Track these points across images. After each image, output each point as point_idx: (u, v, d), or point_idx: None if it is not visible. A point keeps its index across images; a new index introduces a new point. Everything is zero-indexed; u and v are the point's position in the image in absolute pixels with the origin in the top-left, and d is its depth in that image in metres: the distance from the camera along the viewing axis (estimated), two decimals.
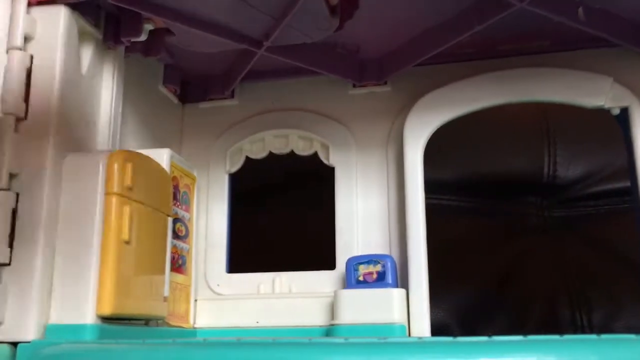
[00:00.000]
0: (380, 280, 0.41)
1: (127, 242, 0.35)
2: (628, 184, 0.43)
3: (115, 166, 0.35)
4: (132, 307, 0.36)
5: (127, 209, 0.35)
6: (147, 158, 0.38)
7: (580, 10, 0.38)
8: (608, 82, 0.42)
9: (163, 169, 0.41)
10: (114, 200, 0.35)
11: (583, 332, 0.62)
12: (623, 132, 0.43)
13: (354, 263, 0.42)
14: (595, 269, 0.64)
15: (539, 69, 0.44)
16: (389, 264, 0.42)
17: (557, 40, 0.44)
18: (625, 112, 0.42)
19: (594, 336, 0.25)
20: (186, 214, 0.46)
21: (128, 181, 0.35)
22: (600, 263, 0.64)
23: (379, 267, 0.42)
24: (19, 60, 0.35)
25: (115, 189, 0.35)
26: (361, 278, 0.42)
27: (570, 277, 0.64)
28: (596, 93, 0.42)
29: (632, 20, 0.41)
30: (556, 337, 0.25)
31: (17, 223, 0.34)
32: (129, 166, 0.35)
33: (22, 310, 0.33)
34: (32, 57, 0.36)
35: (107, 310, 0.33)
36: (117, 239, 0.34)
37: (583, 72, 0.43)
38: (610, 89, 0.42)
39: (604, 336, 0.25)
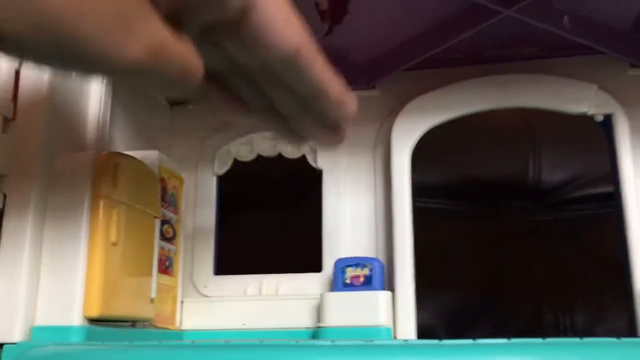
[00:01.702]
0: (367, 284, 0.42)
1: (115, 244, 0.35)
2: (611, 188, 0.44)
3: (103, 169, 0.35)
4: (119, 309, 0.36)
5: (114, 212, 0.35)
6: (135, 160, 0.38)
7: (566, 18, 0.39)
8: (592, 89, 0.43)
9: (151, 170, 0.41)
10: (102, 202, 0.35)
11: (566, 335, 0.62)
12: (607, 138, 0.44)
13: (341, 265, 0.43)
14: (578, 272, 0.65)
15: (524, 76, 0.44)
16: (376, 268, 0.42)
17: (543, 47, 0.45)
18: (609, 119, 0.43)
19: (576, 339, 0.26)
20: (174, 216, 0.46)
21: (116, 184, 0.35)
22: (584, 267, 0.65)
23: (366, 271, 0.42)
24: (7, 60, 0.35)
25: (103, 191, 0.35)
26: (348, 281, 0.42)
27: (554, 280, 0.65)
28: (580, 100, 0.43)
29: (616, 28, 0.41)
30: (539, 340, 0.25)
31: (4, 224, 0.34)
32: (117, 168, 0.35)
33: (9, 311, 0.33)
34: None
35: (94, 312, 0.33)
36: (105, 241, 0.34)
37: (568, 79, 0.44)
38: (595, 96, 0.43)
39: (586, 339, 0.26)
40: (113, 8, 0.21)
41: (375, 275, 0.42)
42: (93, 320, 0.34)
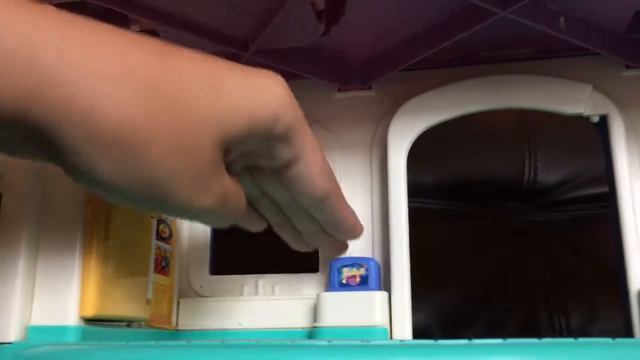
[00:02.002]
0: (363, 284, 0.42)
1: (110, 244, 0.35)
2: (606, 189, 0.44)
3: None
4: (115, 309, 0.35)
5: (111, 211, 0.35)
6: None
7: (562, 19, 0.39)
8: (588, 90, 0.43)
9: None
10: (98, 202, 0.34)
11: (561, 335, 0.63)
12: (602, 139, 0.44)
13: (337, 266, 0.43)
14: (573, 273, 0.65)
15: (520, 76, 0.44)
16: (372, 268, 0.42)
17: (538, 48, 0.45)
18: (604, 120, 0.43)
19: (571, 340, 0.26)
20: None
21: None
22: (579, 267, 0.65)
23: (362, 271, 0.42)
24: None
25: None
26: (344, 281, 0.42)
27: (549, 281, 0.65)
28: (576, 101, 0.43)
29: (612, 30, 0.42)
30: (534, 340, 0.26)
31: (0, 223, 0.34)
32: None
33: (4, 311, 0.33)
34: None
35: (90, 312, 0.33)
36: (101, 240, 0.34)
37: (563, 79, 0.44)
38: (590, 97, 0.43)
39: (581, 340, 0.26)
40: (197, 169, 0.26)
41: (371, 275, 0.42)
42: (88, 320, 0.34)
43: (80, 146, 0.23)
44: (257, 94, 0.28)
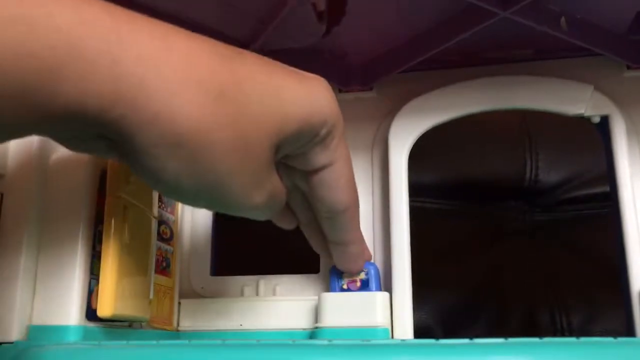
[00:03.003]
0: (364, 287, 0.42)
1: (127, 245, 0.35)
2: (607, 189, 0.44)
3: (117, 168, 0.35)
4: (128, 309, 0.35)
5: (127, 211, 0.35)
6: None
7: (563, 20, 0.39)
8: (589, 91, 0.43)
9: None
10: (117, 202, 0.34)
11: (563, 335, 0.63)
12: (603, 139, 0.44)
13: (337, 271, 0.42)
14: (575, 272, 0.65)
15: (521, 77, 0.44)
16: (372, 272, 0.42)
17: (539, 48, 0.45)
18: (605, 120, 0.43)
19: (573, 339, 0.26)
20: (171, 216, 0.46)
21: (129, 183, 0.35)
22: (581, 267, 0.65)
23: (362, 275, 0.42)
24: None
25: (119, 190, 0.35)
26: (345, 287, 0.42)
27: (550, 280, 0.65)
28: (577, 101, 0.43)
29: (613, 30, 0.42)
30: (536, 339, 0.26)
31: (1, 223, 0.34)
32: (129, 168, 0.35)
33: (5, 310, 0.33)
34: None
35: (108, 312, 0.33)
36: (118, 241, 0.34)
37: (564, 80, 0.44)
38: (591, 98, 0.43)
39: (583, 339, 0.26)
40: (255, 168, 0.27)
41: (371, 279, 0.42)
42: (91, 320, 0.34)
43: (151, 147, 0.24)
44: (313, 99, 0.30)
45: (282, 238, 0.65)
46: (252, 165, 0.27)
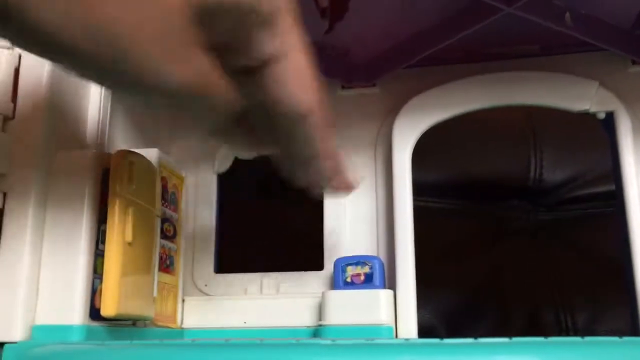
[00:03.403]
0: (367, 282, 0.42)
1: (130, 244, 0.35)
2: (613, 187, 0.43)
3: (120, 167, 0.35)
4: (131, 308, 0.35)
5: (130, 210, 0.35)
6: (144, 158, 0.38)
7: (567, 15, 0.39)
8: (594, 87, 0.43)
9: (153, 167, 0.41)
10: (118, 201, 0.34)
11: (567, 334, 0.62)
12: (608, 136, 0.43)
13: (342, 264, 0.42)
14: (580, 272, 0.65)
15: (526, 73, 0.44)
16: (376, 266, 0.42)
17: (544, 44, 0.45)
18: (610, 117, 0.43)
19: (578, 338, 0.26)
20: (174, 214, 0.45)
21: (132, 182, 0.35)
22: (585, 266, 0.65)
23: (366, 269, 0.42)
24: (7, 59, 0.35)
25: (120, 190, 0.35)
26: (349, 280, 0.42)
27: (555, 280, 0.65)
28: (582, 97, 0.43)
29: (618, 25, 0.41)
30: (541, 339, 0.25)
31: (4, 223, 0.34)
32: (132, 167, 0.35)
33: (9, 310, 0.33)
34: (20, 57, 0.36)
35: (111, 312, 0.33)
36: (121, 240, 0.34)
37: (569, 76, 0.43)
38: (596, 93, 0.43)
39: (588, 338, 0.26)
40: (166, 30, 0.23)
41: (375, 273, 0.42)
42: (94, 319, 0.34)
43: None
44: None
45: (286, 235, 0.65)
46: (165, 27, 0.22)
